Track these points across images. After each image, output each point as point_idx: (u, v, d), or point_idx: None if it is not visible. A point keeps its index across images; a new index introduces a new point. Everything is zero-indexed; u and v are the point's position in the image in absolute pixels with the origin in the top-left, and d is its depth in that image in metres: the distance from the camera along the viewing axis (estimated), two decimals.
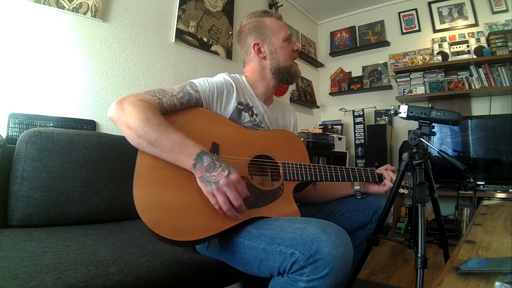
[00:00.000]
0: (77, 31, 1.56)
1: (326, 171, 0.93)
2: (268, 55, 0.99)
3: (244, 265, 0.77)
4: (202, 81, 0.90)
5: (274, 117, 1.06)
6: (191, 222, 0.71)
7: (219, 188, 0.68)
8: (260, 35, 1.00)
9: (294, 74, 1.03)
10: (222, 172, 0.69)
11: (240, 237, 0.76)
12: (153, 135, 0.71)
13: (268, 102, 1.05)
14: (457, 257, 0.57)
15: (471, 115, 2.61)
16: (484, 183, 2.34)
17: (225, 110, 0.92)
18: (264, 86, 1.02)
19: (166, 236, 0.68)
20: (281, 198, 0.84)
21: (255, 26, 1.00)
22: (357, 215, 1.00)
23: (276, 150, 0.90)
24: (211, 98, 0.89)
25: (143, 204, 0.69)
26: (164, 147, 0.71)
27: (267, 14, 1.03)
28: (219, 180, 0.68)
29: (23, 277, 0.61)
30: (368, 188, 1.03)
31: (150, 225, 0.67)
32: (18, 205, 1.02)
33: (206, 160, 0.70)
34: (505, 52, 2.42)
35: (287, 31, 1.02)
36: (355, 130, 3.14)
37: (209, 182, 0.69)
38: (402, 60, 3.07)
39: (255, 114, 0.97)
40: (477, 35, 2.69)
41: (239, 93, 0.95)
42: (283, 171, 0.87)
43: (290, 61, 1.01)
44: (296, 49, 1.03)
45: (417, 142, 0.90)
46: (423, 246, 0.80)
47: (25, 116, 1.34)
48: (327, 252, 0.60)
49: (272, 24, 1.01)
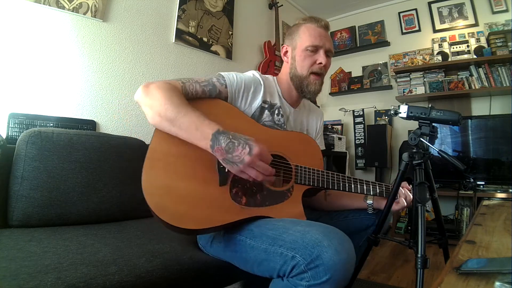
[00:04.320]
0: (77, 31, 1.56)
1: (340, 179, 0.91)
2: (290, 60, 1.00)
3: (244, 263, 0.77)
4: (231, 75, 0.90)
5: (300, 120, 1.06)
6: (195, 211, 0.72)
7: (246, 167, 0.70)
8: (291, 39, 1.00)
9: (307, 88, 0.96)
10: (243, 149, 0.69)
11: (243, 235, 0.77)
12: (173, 113, 0.72)
13: (295, 104, 1.05)
14: (457, 257, 0.57)
15: (471, 115, 2.61)
16: (484, 183, 2.34)
17: (250, 106, 0.93)
18: (287, 89, 1.02)
19: (168, 221, 0.68)
20: (288, 200, 0.83)
21: (293, 29, 1.01)
22: (361, 218, 0.99)
23: (291, 151, 0.89)
24: (237, 93, 0.90)
25: (149, 186, 0.70)
26: (182, 124, 0.73)
27: (310, 20, 0.98)
28: (243, 158, 0.69)
29: (23, 277, 0.61)
30: (381, 204, 0.96)
31: (154, 208, 0.68)
32: (18, 205, 1.02)
33: (223, 140, 0.70)
34: (505, 52, 2.42)
35: (316, 41, 0.94)
36: (355, 130, 3.14)
37: (234, 163, 0.70)
38: (402, 60, 3.07)
39: (281, 115, 0.97)
40: (477, 35, 2.69)
41: (265, 91, 0.95)
42: (295, 174, 0.86)
43: (307, 72, 0.96)
44: (319, 61, 0.95)
45: (417, 142, 0.90)
46: (423, 246, 0.80)
47: (25, 116, 1.34)
48: (329, 258, 0.59)
49: (304, 30, 0.97)
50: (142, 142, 1.39)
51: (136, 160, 0.81)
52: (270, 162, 0.73)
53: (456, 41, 2.77)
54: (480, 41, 2.65)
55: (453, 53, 2.76)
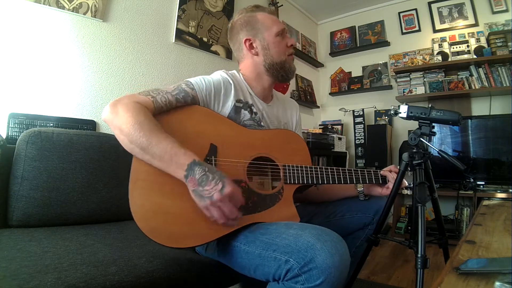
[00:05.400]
0: (77, 31, 1.56)
1: (328, 173, 0.90)
2: (261, 51, 0.95)
3: (241, 268, 0.77)
4: (198, 80, 0.87)
5: (275, 114, 1.03)
6: (188, 229, 0.71)
7: (213, 204, 0.66)
8: (252, 30, 0.96)
9: (289, 70, 0.98)
10: (215, 185, 0.66)
11: (237, 241, 0.76)
12: (144, 141, 0.68)
13: (267, 99, 1.02)
14: (457, 257, 0.57)
15: (471, 115, 2.61)
16: (484, 183, 2.34)
17: (223, 108, 0.89)
18: (260, 84, 0.99)
19: (164, 243, 0.68)
20: (280, 202, 0.82)
21: (246, 21, 0.97)
22: (358, 216, 0.99)
23: (277, 151, 0.88)
24: (208, 97, 0.86)
25: (139, 212, 0.69)
26: (155, 154, 0.69)
27: (259, 9, 0.99)
28: (213, 195, 0.65)
29: (23, 277, 0.61)
30: (372, 190, 1.01)
31: (147, 233, 0.67)
32: (18, 205, 1.02)
33: (198, 172, 0.67)
34: (505, 52, 2.42)
35: (280, 26, 0.97)
36: (355, 130, 3.14)
37: (202, 197, 0.67)
38: (402, 60, 3.07)
39: (254, 113, 0.95)
40: (477, 35, 2.69)
41: (237, 90, 0.92)
42: (284, 174, 0.85)
43: (285, 56, 0.97)
44: (290, 44, 0.98)
45: (417, 142, 0.90)
46: (423, 246, 0.80)
47: (25, 116, 1.34)
48: (322, 261, 0.59)
49: (264, 18, 0.96)
50: None
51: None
52: (240, 203, 0.70)
53: (456, 41, 2.77)
54: (480, 41, 2.65)
55: (453, 53, 2.76)
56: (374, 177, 0.97)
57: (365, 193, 1.01)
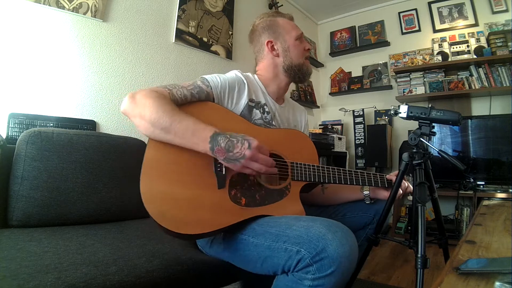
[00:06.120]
0: (77, 31, 1.56)
1: (335, 173, 0.92)
2: (281, 52, 1.02)
3: (247, 262, 0.77)
4: (214, 77, 0.90)
5: (286, 116, 1.07)
6: (194, 216, 0.72)
7: (248, 161, 0.71)
8: (274, 33, 1.03)
9: (306, 72, 1.05)
10: (242, 145, 0.71)
11: (245, 234, 0.77)
12: (167, 121, 0.72)
13: (280, 101, 1.07)
14: (457, 257, 0.57)
15: (471, 115, 2.61)
16: (484, 183, 2.34)
17: (236, 106, 0.93)
18: (276, 84, 1.04)
19: (168, 227, 0.68)
20: (287, 197, 0.84)
21: (268, 25, 1.04)
22: (359, 216, 1.00)
23: (286, 148, 0.90)
24: (222, 94, 0.90)
25: (148, 194, 0.71)
26: (178, 131, 0.72)
27: (279, 14, 1.07)
28: (244, 153, 0.71)
29: (23, 277, 0.61)
30: (377, 194, 1.01)
31: (154, 216, 0.69)
32: (18, 205, 1.02)
33: (222, 141, 0.71)
34: (505, 52, 2.42)
35: (299, 31, 1.05)
36: (355, 130, 3.14)
37: (235, 160, 0.71)
38: (402, 60, 3.07)
39: (267, 112, 0.98)
40: (477, 35, 2.69)
41: (250, 90, 0.96)
42: (291, 171, 0.87)
43: (303, 59, 1.04)
44: (307, 48, 1.05)
45: (417, 142, 0.90)
46: (423, 246, 0.80)
47: (25, 116, 1.34)
48: (333, 251, 0.60)
49: (284, 23, 1.04)
50: (142, 142, 1.39)
51: (136, 160, 0.81)
52: (268, 154, 0.74)
53: (456, 41, 2.77)
54: (480, 41, 2.65)
55: (453, 53, 2.76)
56: (380, 181, 0.97)
57: (371, 197, 1.01)
